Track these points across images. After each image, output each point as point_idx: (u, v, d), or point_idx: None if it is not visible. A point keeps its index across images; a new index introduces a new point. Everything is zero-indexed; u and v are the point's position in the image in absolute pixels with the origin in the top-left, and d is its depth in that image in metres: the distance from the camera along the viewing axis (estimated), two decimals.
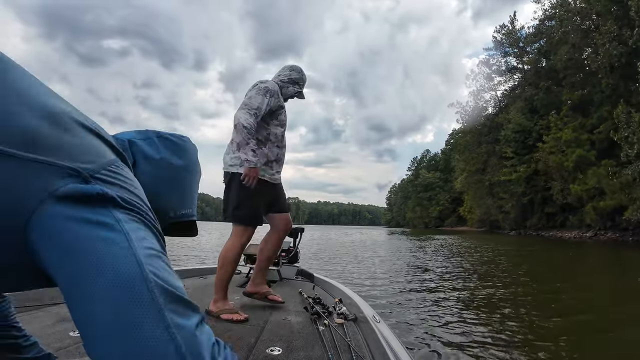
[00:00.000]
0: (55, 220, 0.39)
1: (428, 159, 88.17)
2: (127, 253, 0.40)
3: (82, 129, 0.47)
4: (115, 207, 0.43)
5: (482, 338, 3.18)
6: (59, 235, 0.39)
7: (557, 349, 2.86)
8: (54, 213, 0.39)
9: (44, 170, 0.39)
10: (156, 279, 0.40)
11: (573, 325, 3.56)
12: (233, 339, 1.50)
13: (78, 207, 0.40)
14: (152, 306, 0.38)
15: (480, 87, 43.67)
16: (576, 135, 24.70)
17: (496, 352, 2.82)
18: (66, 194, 0.40)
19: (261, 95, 1.82)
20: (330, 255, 10.44)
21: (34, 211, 0.38)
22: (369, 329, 1.57)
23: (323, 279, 2.90)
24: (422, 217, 76.73)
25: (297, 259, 3.26)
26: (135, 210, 0.45)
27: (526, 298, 4.82)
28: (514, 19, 39.97)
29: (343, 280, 5.67)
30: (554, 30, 29.20)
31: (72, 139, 0.45)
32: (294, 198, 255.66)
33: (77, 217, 0.39)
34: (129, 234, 0.41)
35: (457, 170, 50.08)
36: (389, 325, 1.59)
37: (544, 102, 31.28)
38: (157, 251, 0.44)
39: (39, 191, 0.39)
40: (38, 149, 0.40)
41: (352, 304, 2.04)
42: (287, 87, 2.04)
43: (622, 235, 20.71)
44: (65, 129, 0.45)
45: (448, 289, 5.44)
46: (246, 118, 1.74)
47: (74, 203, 0.40)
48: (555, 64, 28.76)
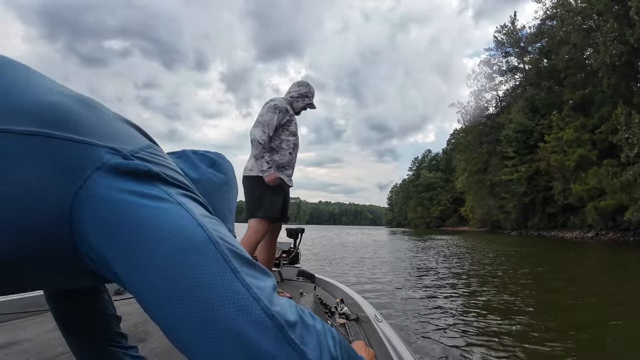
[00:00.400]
0: (104, 192, 0.37)
1: (429, 159, 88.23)
2: (188, 217, 0.38)
3: (116, 117, 0.47)
4: (162, 182, 0.41)
5: (485, 337, 3.18)
6: (110, 209, 0.37)
7: (558, 349, 2.86)
8: (101, 185, 0.37)
9: (84, 150, 0.39)
10: (224, 242, 0.38)
11: (578, 325, 3.54)
12: None
13: (126, 180, 0.39)
14: (227, 268, 0.36)
15: (482, 87, 43.71)
16: (578, 135, 24.68)
17: (498, 352, 2.81)
18: (114, 167, 0.39)
19: (271, 112, 2.15)
20: (332, 257, 10.41)
21: (80, 187, 0.37)
22: (371, 329, 1.57)
23: (324, 280, 2.91)
24: (423, 217, 76.78)
25: (297, 259, 3.27)
26: (182, 186, 0.43)
27: (529, 299, 4.80)
28: (514, 19, 40.01)
29: (346, 281, 5.70)
30: (555, 30, 29.18)
31: (108, 122, 0.44)
32: (295, 198, 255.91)
33: (128, 190, 0.38)
34: (184, 203, 0.40)
35: (458, 170, 50.06)
36: (391, 325, 1.59)
37: (545, 102, 31.27)
38: (216, 219, 0.43)
39: (83, 168, 0.38)
40: (75, 130, 0.39)
41: (354, 303, 2.04)
42: (298, 101, 2.34)
43: (624, 235, 20.65)
44: (100, 113, 0.45)
45: (450, 289, 5.45)
46: (260, 135, 2.09)
47: (121, 176, 0.39)
48: (557, 64, 28.74)
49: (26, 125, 0.37)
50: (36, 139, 0.37)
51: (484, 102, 43.53)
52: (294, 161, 2.31)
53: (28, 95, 0.39)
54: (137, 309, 1.79)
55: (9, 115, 0.37)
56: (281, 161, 2.23)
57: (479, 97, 43.57)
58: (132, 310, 1.80)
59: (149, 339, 1.40)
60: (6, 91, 0.39)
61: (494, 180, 37.04)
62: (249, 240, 2.08)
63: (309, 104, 2.40)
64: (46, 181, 0.36)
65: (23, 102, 0.39)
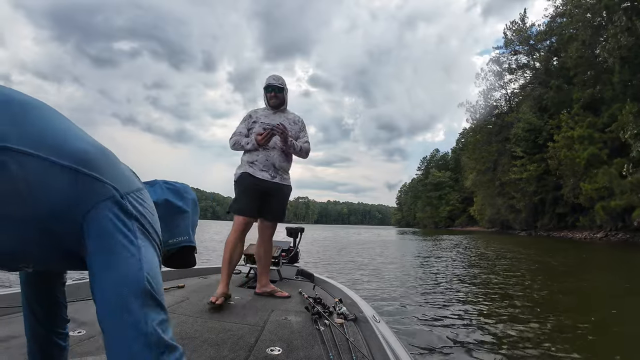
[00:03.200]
0: (103, 215, 0.59)
1: (438, 158, 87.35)
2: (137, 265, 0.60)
3: (119, 162, 0.70)
4: (137, 222, 0.63)
5: (484, 337, 3.15)
6: (102, 227, 0.59)
7: (559, 351, 2.80)
8: (103, 209, 0.60)
9: (99, 185, 0.60)
10: (149, 285, 0.60)
11: (589, 329, 3.41)
12: (233, 339, 1.49)
13: (117, 211, 0.61)
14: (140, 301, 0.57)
15: (491, 86, 43.21)
16: (589, 132, 24.27)
17: (498, 352, 2.78)
18: (113, 201, 0.61)
19: (239, 123, 2.56)
20: (338, 259, 10.33)
21: (93, 207, 0.59)
22: (369, 329, 1.58)
23: (323, 279, 2.92)
24: (432, 217, 76.05)
25: (297, 259, 3.32)
26: (147, 230, 0.65)
27: (532, 300, 4.66)
28: (524, 16, 39.51)
29: (353, 282, 5.63)
30: (565, 27, 28.76)
31: (114, 165, 0.66)
32: (304, 197, 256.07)
33: (117, 217, 0.60)
34: (141, 247, 0.62)
35: (466, 170, 49.61)
36: (389, 325, 1.60)
37: (555, 100, 30.82)
38: (156, 266, 0.65)
39: (97, 196, 0.60)
40: (96, 170, 0.61)
41: (352, 303, 2.05)
42: (265, 97, 2.55)
43: (633, 236, 20.27)
44: (111, 160, 0.67)
45: (454, 291, 5.38)
46: (230, 144, 2.49)
47: (115, 206, 0.61)
48: (566, 62, 28.33)
49: (67, 161, 0.58)
50: (71, 171, 0.58)
51: (493, 100, 43.11)
52: (267, 158, 2.38)
53: (69, 141, 0.61)
54: None
55: (57, 152, 0.58)
56: (249, 159, 2.39)
57: (488, 96, 43.15)
58: None
59: None
60: (55, 135, 0.60)
61: (503, 180, 36.65)
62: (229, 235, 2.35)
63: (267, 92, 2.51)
64: (73, 197, 0.58)
65: (65, 144, 0.60)
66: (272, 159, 2.38)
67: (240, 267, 3.02)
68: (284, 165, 2.45)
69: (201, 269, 3.15)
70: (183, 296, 2.21)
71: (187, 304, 2.02)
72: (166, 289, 2.29)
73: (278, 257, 3.04)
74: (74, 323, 1.49)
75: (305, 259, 7.96)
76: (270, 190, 2.38)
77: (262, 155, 2.37)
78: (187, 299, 2.13)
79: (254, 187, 2.34)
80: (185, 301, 2.09)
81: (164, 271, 2.61)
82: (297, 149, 2.45)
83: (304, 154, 2.54)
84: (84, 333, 1.44)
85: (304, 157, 2.57)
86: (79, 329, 1.46)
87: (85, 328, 1.48)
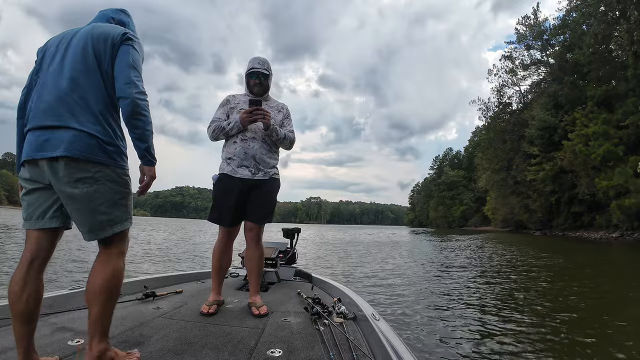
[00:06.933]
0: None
1: (451, 157, 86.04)
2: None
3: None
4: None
5: (484, 337, 3.15)
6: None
7: (559, 353, 2.78)
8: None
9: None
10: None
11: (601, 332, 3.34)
12: (233, 343, 1.47)
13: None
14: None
15: (503, 83, 42.40)
16: (604, 128, 23.59)
17: (498, 351, 2.78)
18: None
19: (217, 109, 2.27)
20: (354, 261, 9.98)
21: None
22: (369, 327, 1.57)
23: (321, 279, 2.92)
24: (445, 217, 74.96)
25: (294, 259, 3.36)
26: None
27: (537, 303, 4.57)
28: (537, 10, 38.62)
29: (359, 284, 5.60)
30: (578, 22, 28.02)
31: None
32: (316, 198, 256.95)
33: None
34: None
35: (479, 169, 48.79)
36: (389, 323, 1.61)
37: (569, 97, 30.05)
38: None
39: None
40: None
41: (351, 303, 2.05)
42: (247, 83, 2.26)
43: None
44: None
45: (464, 289, 5.38)
46: (209, 131, 2.19)
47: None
48: (579, 58, 27.63)
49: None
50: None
51: (506, 98, 42.29)
52: (246, 150, 2.09)
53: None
54: (132, 312, 1.85)
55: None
56: (227, 154, 2.13)
57: (501, 93, 42.36)
58: (127, 313, 1.82)
59: (146, 342, 1.43)
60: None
61: (518, 179, 35.91)
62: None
63: (249, 72, 2.21)
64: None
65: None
66: (251, 150, 2.09)
67: (238, 269, 3.12)
68: (266, 158, 2.13)
69: (199, 273, 3.13)
70: (181, 301, 2.19)
71: (185, 309, 2.01)
72: (164, 295, 2.30)
73: (275, 259, 3.06)
74: (71, 332, 1.51)
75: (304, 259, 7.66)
76: (252, 189, 2.09)
77: (240, 147, 2.09)
78: (186, 304, 2.12)
79: (231, 191, 2.06)
80: (184, 306, 2.07)
81: (162, 277, 2.76)
82: (281, 135, 2.15)
83: (287, 143, 2.22)
84: (82, 342, 1.40)
85: (287, 147, 2.27)
86: (77, 338, 1.44)
87: (82, 337, 1.43)
